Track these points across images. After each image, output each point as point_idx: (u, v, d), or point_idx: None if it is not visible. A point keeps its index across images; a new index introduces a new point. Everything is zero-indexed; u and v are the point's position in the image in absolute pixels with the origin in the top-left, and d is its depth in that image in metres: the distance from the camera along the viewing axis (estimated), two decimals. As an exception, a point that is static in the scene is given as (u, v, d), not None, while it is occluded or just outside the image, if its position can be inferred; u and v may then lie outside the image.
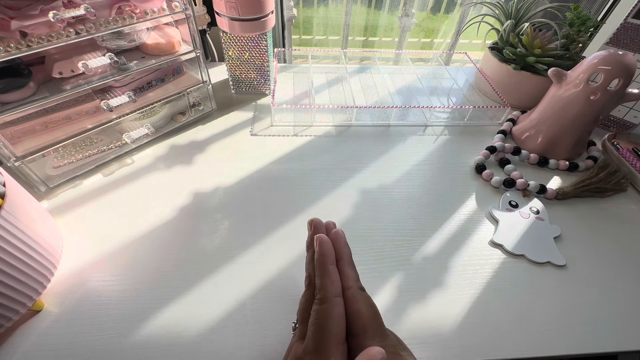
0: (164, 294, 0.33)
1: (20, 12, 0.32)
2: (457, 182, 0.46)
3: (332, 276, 0.23)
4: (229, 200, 0.41)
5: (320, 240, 0.24)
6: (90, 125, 0.41)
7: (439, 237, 0.39)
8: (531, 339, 0.31)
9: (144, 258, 0.35)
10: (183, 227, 0.38)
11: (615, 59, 0.41)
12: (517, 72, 0.54)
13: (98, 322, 0.31)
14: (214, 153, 0.47)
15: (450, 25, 1.07)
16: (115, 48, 0.41)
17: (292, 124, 0.53)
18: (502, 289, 0.35)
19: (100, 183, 0.43)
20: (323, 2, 1.04)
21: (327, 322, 0.21)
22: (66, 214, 0.39)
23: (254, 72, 0.55)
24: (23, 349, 0.29)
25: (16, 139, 0.37)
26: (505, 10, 0.58)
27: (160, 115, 0.48)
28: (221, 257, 0.36)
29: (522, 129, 0.51)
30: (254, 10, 0.46)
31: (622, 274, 0.37)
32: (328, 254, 0.24)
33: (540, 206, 0.42)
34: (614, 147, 0.49)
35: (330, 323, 0.20)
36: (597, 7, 0.64)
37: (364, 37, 1.14)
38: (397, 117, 0.55)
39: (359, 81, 0.63)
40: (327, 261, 0.23)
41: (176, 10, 0.42)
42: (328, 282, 0.22)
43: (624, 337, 0.32)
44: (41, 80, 0.37)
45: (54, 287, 0.32)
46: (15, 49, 0.32)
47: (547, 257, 0.37)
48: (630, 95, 0.43)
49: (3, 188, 0.28)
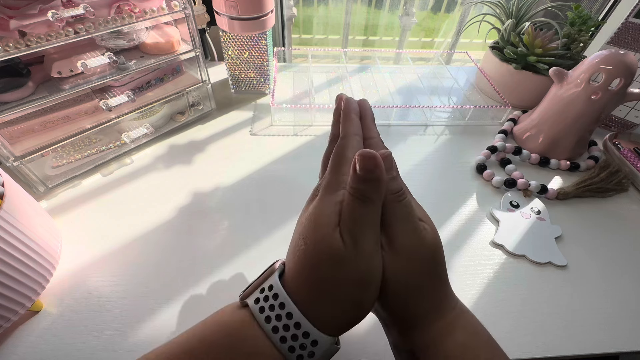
0: (163, 293, 0.33)
1: (19, 12, 0.32)
2: (457, 182, 0.46)
3: (354, 121, 0.24)
4: (229, 200, 0.41)
5: (346, 99, 0.26)
6: (89, 125, 0.41)
7: (440, 237, 0.39)
8: (532, 339, 0.31)
9: (143, 258, 0.35)
10: (182, 227, 0.38)
11: (617, 58, 0.41)
12: (518, 71, 0.54)
13: (97, 323, 0.30)
14: (214, 153, 0.47)
15: (450, 24, 1.06)
16: (114, 47, 0.41)
17: (292, 124, 0.53)
18: (502, 290, 0.35)
19: (100, 183, 0.42)
20: (323, 1, 1.04)
21: (345, 151, 0.22)
22: (65, 214, 0.39)
23: (254, 71, 0.55)
24: (22, 350, 0.29)
25: (15, 138, 0.37)
26: (506, 9, 0.58)
27: (159, 115, 0.48)
28: (221, 257, 0.36)
29: (523, 129, 0.51)
30: (253, 9, 0.46)
31: (623, 274, 0.37)
32: (352, 107, 0.25)
33: (541, 206, 0.42)
34: (615, 147, 0.49)
35: (347, 152, 0.22)
36: (598, 6, 0.63)
37: (364, 37, 1.14)
38: (397, 117, 0.55)
39: (359, 81, 0.63)
40: (351, 112, 0.25)
41: (175, 9, 0.41)
42: (349, 125, 0.24)
43: (626, 337, 0.32)
44: (40, 80, 0.37)
45: (52, 287, 0.32)
46: (14, 48, 0.32)
47: (548, 257, 0.37)
48: (632, 94, 0.43)
49: (2, 188, 0.28)
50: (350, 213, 0.19)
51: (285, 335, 0.18)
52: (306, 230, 0.20)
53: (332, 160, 0.22)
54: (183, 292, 0.33)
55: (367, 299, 0.19)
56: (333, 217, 0.19)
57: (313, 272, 0.19)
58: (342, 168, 0.21)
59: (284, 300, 0.19)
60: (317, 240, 0.19)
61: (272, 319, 0.18)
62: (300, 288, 0.19)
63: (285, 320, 0.18)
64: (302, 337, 0.18)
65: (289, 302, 0.19)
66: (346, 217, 0.19)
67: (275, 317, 0.18)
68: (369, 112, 0.27)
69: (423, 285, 0.20)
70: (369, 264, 0.19)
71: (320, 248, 0.19)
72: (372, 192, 0.19)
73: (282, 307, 0.18)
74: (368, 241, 0.19)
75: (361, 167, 0.18)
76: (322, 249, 0.18)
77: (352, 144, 0.23)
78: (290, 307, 0.18)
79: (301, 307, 0.18)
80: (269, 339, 0.18)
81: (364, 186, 0.19)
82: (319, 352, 0.18)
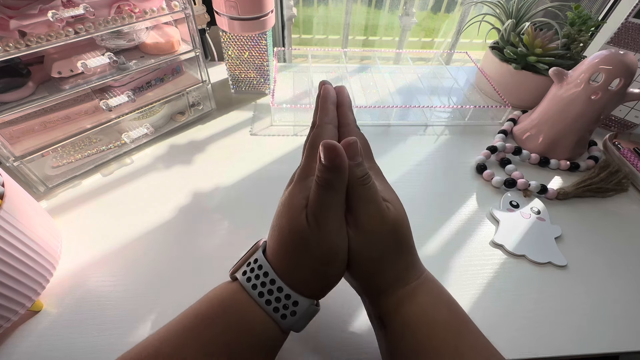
0: (163, 294, 0.33)
1: (19, 12, 0.32)
2: (457, 182, 0.46)
3: (329, 111, 0.26)
4: (229, 200, 0.41)
5: (325, 87, 0.28)
6: (90, 125, 0.41)
7: (440, 237, 0.39)
8: (532, 339, 0.31)
9: (143, 258, 0.35)
10: (182, 227, 0.38)
11: (616, 58, 0.41)
12: (518, 71, 0.54)
13: (97, 323, 0.30)
14: (214, 153, 0.47)
15: (450, 24, 1.06)
16: (114, 47, 0.41)
17: (292, 124, 0.53)
18: (503, 290, 0.35)
19: (100, 183, 0.42)
20: (323, 1, 1.04)
21: (317, 139, 0.24)
22: (65, 214, 0.39)
23: (254, 71, 0.55)
24: (22, 349, 0.29)
25: (15, 138, 0.37)
26: (506, 9, 0.58)
27: (159, 115, 0.48)
28: (221, 257, 0.36)
29: (523, 129, 0.51)
30: (253, 10, 0.46)
31: (623, 274, 0.37)
32: (329, 97, 0.27)
33: (541, 206, 0.42)
34: (615, 147, 0.49)
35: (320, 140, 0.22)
36: (598, 6, 0.63)
37: (364, 37, 1.14)
38: (397, 117, 0.55)
39: (359, 81, 0.63)
40: (328, 101, 0.27)
41: (175, 9, 0.41)
42: (324, 114, 0.26)
43: (625, 337, 0.32)
44: (40, 80, 0.37)
45: (53, 287, 0.32)
46: (14, 48, 0.32)
47: (548, 257, 0.37)
48: (632, 94, 0.43)
49: (2, 188, 0.28)
50: (315, 198, 0.21)
51: (270, 298, 0.21)
52: (281, 212, 0.23)
53: (307, 148, 0.24)
54: (183, 292, 0.33)
55: (332, 272, 0.22)
56: (302, 201, 0.22)
57: (287, 247, 0.22)
58: (313, 156, 0.23)
59: (267, 270, 0.22)
60: (289, 222, 0.22)
61: (258, 286, 0.22)
62: (279, 260, 0.22)
63: (269, 286, 0.21)
64: (284, 299, 0.21)
65: (271, 271, 0.22)
66: (312, 202, 0.21)
67: (261, 284, 0.22)
68: (346, 99, 0.28)
69: (384, 258, 0.23)
70: (330, 242, 0.21)
71: (291, 228, 0.21)
72: (334, 179, 0.21)
73: (265, 276, 0.22)
74: (331, 223, 0.21)
75: (324, 157, 0.20)
76: (292, 229, 0.21)
77: (325, 133, 0.25)
78: (272, 275, 0.22)
79: (281, 276, 0.22)
80: (257, 303, 0.21)
81: (327, 174, 0.20)
82: (300, 310, 0.22)
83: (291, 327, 0.22)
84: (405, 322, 0.22)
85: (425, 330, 0.21)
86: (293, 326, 0.22)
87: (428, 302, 0.23)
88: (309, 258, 0.21)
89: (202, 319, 0.21)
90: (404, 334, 0.22)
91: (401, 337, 0.22)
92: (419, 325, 0.22)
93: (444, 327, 0.21)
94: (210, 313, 0.22)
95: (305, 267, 0.22)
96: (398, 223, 0.23)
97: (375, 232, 0.22)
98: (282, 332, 0.22)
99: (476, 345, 0.22)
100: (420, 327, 0.22)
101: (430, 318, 0.22)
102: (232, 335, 0.21)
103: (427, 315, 0.22)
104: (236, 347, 0.20)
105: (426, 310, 0.22)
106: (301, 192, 0.22)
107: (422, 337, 0.21)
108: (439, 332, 0.21)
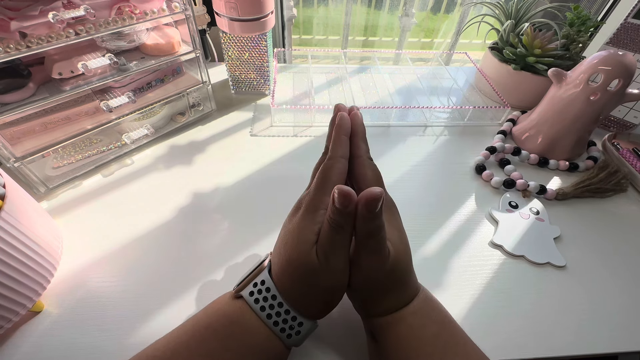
0: (164, 294, 0.33)
1: (20, 13, 0.32)
2: (457, 183, 0.46)
3: (343, 143, 0.26)
4: (229, 200, 0.41)
5: (340, 115, 0.27)
6: (90, 126, 0.41)
7: (439, 237, 0.39)
8: (531, 339, 0.31)
9: (144, 259, 0.35)
10: (183, 228, 0.38)
11: (615, 59, 0.41)
12: (517, 72, 0.54)
13: (98, 323, 0.31)
14: (214, 153, 0.47)
15: (450, 25, 1.07)
16: (114, 49, 0.41)
17: (292, 125, 0.53)
18: (502, 290, 0.35)
19: (100, 184, 0.43)
20: (323, 2, 1.04)
21: (329, 172, 0.25)
22: (66, 215, 0.39)
23: (254, 72, 0.55)
24: (23, 350, 0.29)
25: (16, 139, 0.37)
26: (505, 10, 0.58)
27: (159, 115, 0.48)
28: (221, 257, 0.36)
29: (522, 129, 0.51)
30: (253, 11, 0.46)
31: (622, 275, 0.37)
32: (343, 126, 0.27)
33: (540, 207, 0.42)
34: (614, 147, 0.49)
35: (332, 173, 0.25)
36: (597, 7, 0.63)
37: (364, 37, 1.14)
38: (396, 118, 0.55)
39: (359, 81, 0.63)
40: (342, 132, 0.27)
41: (176, 10, 0.41)
42: (337, 146, 0.26)
43: (624, 337, 0.32)
44: (41, 81, 0.37)
45: (53, 288, 0.32)
46: (14, 49, 0.32)
47: (547, 257, 0.37)
48: (631, 95, 0.43)
49: (3, 189, 0.28)
50: (327, 237, 0.22)
51: (278, 320, 0.23)
52: (289, 243, 0.24)
53: (317, 179, 0.25)
54: (184, 292, 0.33)
55: (334, 299, 0.25)
56: (311, 236, 0.23)
57: (294, 276, 0.23)
58: (323, 188, 0.24)
59: (275, 293, 0.23)
60: (299, 256, 0.23)
61: (266, 308, 0.23)
62: (285, 285, 0.24)
63: (277, 308, 0.23)
64: (290, 320, 0.23)
65: (279, 295, 0.23)
66: (323, 240, 0.22)
67: (269, 307, 0.23)
68: (360, 128, 0.28)
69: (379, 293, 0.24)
70: (336, 277, 0.23)
71: (301, 260, 0.23)
72: (344, 223, 0.22)
73: (274, 299, 0.23)
74: (338, 260, 0.23)
75: (338, 202, 0.21)
76: (301, 261, 0.23)
77: (337, 167, 0.25)
78: (280, 298, 0.23)
79: (287, 299, 0.23)
80: (264, 323, 0.23)
81: (339, 218, 0.21)
82: (304, 330, 0.24)
83: (294, 345, 0.24)
84: (396, 339, 0.24)
85: (414, 344, 0.23)
86: (296, 344, 0.24)
87: (418, 323, 0.24)
88: (315, 288, 0.23)
89: (212, 331, 0.23)
90: (395, 349, 0.24)
91: (391, 352, 0.24)
92: (409, 340, 0.23)
93: (432, 342, 0.23)
94: (220, 328, 0.23)
95: (311, 296, 0.24)
96: (396, 264, 0.24)
97: (372, 277, 0.24)
98: (286, 348, 0.24)
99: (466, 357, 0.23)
100: (410, 342, 0.23)
101: (419, 334, 0.23)
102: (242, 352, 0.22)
103: (416, 332, 0.23)
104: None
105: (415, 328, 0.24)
106: (311, 225, 0.23)
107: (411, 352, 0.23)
108: (426, 348, 0.23)
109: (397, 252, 0.24)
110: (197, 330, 0.23)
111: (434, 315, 0.25)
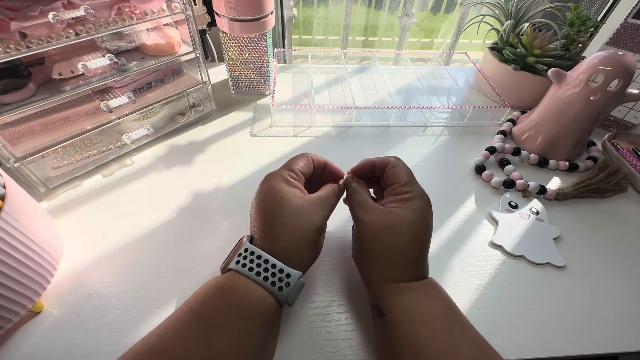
0: (164, 294, 0.33)
1: (20, 13, 0.32)
2: (456, 183, 0.46)
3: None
4: (229, 201, 0.41)
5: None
6: (90, 126, 0.41)
7: (439, 237, 0.39)
8: (531, 339, 0.31)
9: (144, 259, 0.35)
10: (183, 228, 0.38)
11: (615, 59, 0.41)
12: (517, 72, 0.54)
13: (98, 323, 0.31)
14: (214, 154, 0.47)
15: (450, 25, 1.07)
16: (115, 49, 0.41)
17: (292, 125, 0.53)
18: (501, 290, 0.35)
19: (100, 184, 0.43)
20: (323, 2, 1.04)
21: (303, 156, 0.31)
22: (66, 215, 0.39)
23: (254, 72, 0.55)
24: (23, 350, 0.29)
25: (16, 140, 0.37)
26: (505, 10, 0.58)
27: (159, 116, 0.48)
28: (221, 257, 0.35)
29: (522, 130, 0.51)
30: (253, 11, 0.46)
31: (622, 275, 0.37)
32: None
33: (540, 207, 0.42)
34: (614, 147, 0.49)
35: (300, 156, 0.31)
36: (597, 7, 0.63)
37: (364, 37, 1.14)
38: (396, 118, 0.55)
39: (359, 81, 0.63)
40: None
41: (176, 10, 0.41)
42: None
43: (624, 338, 0.32)
44: (41, 81, 0.37)
45: (54, 288, 0.32)
46: (14, 50, 0.32)
47: (547, 258, 0.37)
48: (630, 95, 0.43)
49: (3, 190, 0.28)
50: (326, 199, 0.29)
51: (267, 275, 0.25)
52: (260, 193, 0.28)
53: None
54: (184, 293, 0.33)
55: (321, 241, 0.28)
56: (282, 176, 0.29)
57: (273, 212, 0.27)
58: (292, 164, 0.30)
59: (260, 253, 0.25)
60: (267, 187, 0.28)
61: (254, 268, 0.25)
62: (271, 242, 0.26)
63: (264, 265, 0.25)
64: (278, 273, 0.25)
65: (264, 253, 0.25)
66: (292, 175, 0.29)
67: (256, 266, 0.25)
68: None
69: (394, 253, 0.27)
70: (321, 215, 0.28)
71: (272, 189, 0.28)
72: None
73: (259, 258, 0.25)
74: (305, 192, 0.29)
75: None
76: (273, 189, 0.28)
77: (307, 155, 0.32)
78: (265, 255, 0.25)
79: (272, 255, 0.25)
80: (254, 281, 0.24)
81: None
82: (292, 281, 0.25)
83: (286, 299, 0.25)
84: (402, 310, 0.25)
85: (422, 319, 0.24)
86: (288, 297, 0.25)
87: (425, 297, 0.25)
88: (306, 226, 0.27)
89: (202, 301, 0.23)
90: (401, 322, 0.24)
91: (398, 325, 0.24)
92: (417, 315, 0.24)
93: (440, 318, 0.24)
94: (211, 296, 0.24)
95: (294, 241, 0.26)
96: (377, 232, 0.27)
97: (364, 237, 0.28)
98: (279, 304, 0.25)
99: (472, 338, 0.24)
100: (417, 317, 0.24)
101: (426, 308, 0.24)
102: (238, 312, 0.23)
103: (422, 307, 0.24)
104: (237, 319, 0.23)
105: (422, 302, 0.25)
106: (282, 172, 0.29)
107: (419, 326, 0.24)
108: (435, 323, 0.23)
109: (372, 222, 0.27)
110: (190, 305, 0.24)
111: (440, 296, 0.26)
